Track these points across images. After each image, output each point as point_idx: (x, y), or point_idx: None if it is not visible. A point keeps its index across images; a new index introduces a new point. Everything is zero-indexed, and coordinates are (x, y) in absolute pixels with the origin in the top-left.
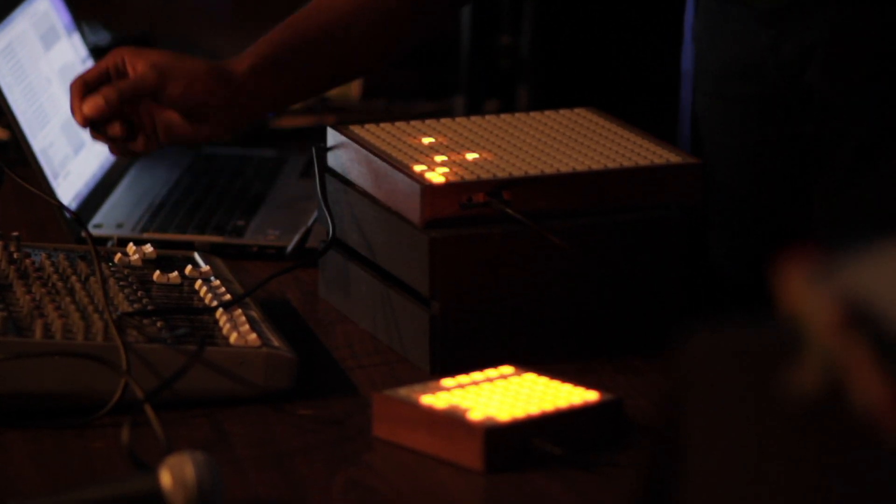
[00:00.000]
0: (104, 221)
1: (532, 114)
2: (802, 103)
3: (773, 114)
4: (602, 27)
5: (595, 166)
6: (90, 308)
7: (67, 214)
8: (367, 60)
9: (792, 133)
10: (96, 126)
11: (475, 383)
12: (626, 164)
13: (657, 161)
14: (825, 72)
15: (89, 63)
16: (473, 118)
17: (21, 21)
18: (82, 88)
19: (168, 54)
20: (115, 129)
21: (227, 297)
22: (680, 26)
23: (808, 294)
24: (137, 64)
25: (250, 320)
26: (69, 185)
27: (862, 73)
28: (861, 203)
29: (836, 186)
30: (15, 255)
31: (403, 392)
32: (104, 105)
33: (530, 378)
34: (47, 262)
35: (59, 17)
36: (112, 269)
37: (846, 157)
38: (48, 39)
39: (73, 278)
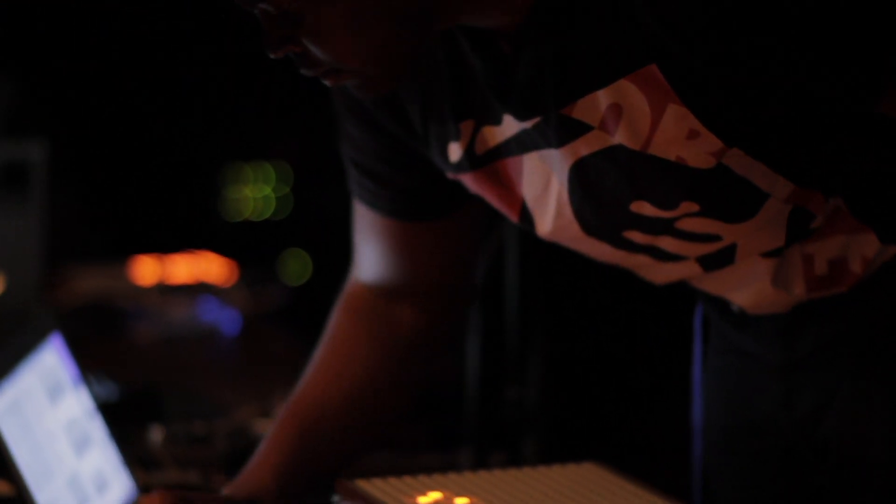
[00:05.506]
0: None
1: (539, 468)
2: (817, 456)
3: (786, 468)
4: (609, 378)
5: None
6: None
7: None
8: (396, 410)
9: (807, 486)
10: None
11: None
12: None
13: None
14: (842, 423)
15: (96, 418)
16: (480, 473)
17: (27, 375)
18: None
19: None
20: None
21: None
22: (688, 381)
23: None
24: None
25: None
26: None
27: (882, 426)
28: None
29: None
30: None
31: None
32: None
33: None
34: None
35: (66, 371)
36: None
37: None
38: (55, 394)
39: None
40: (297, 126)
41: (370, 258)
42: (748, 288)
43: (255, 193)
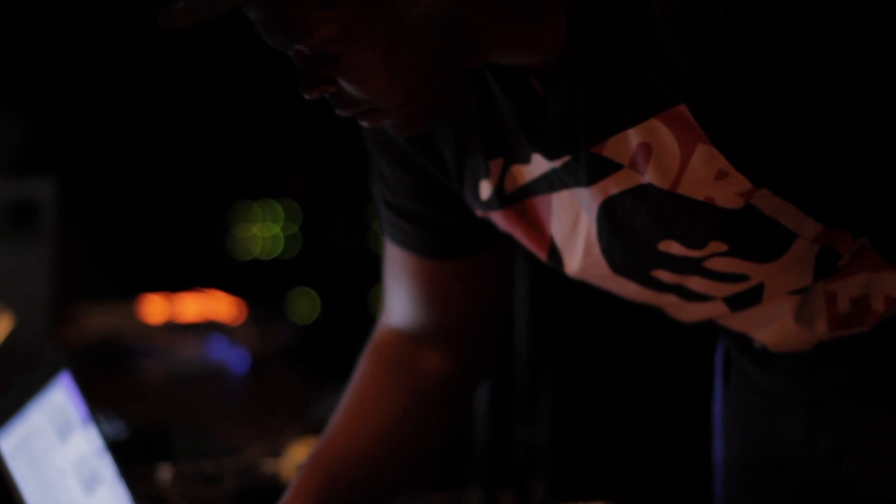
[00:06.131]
0: None
1: None
2: (839, 494)
3: None
4: (619, 418)
5: None
6: None
7: None
8: (421, 456)
9: None
10: None
11: None
12: None
13: None
14: (864, 462)
15: (105, 457)
16: None
17: (37, 414)
18: None
19: None
20: None
21: None
22: (700, 420)
23: None
24: None
25: None
26: None
27: None
28: None
29: None
30: None
31: None
32: None
33: None
34: None
35: (75, 410)
36: None
37: None
38: (64, 432)
39: None
40: (306, 165)
41: (400, 301)
42: (772, 325)
43: (264, 232)
